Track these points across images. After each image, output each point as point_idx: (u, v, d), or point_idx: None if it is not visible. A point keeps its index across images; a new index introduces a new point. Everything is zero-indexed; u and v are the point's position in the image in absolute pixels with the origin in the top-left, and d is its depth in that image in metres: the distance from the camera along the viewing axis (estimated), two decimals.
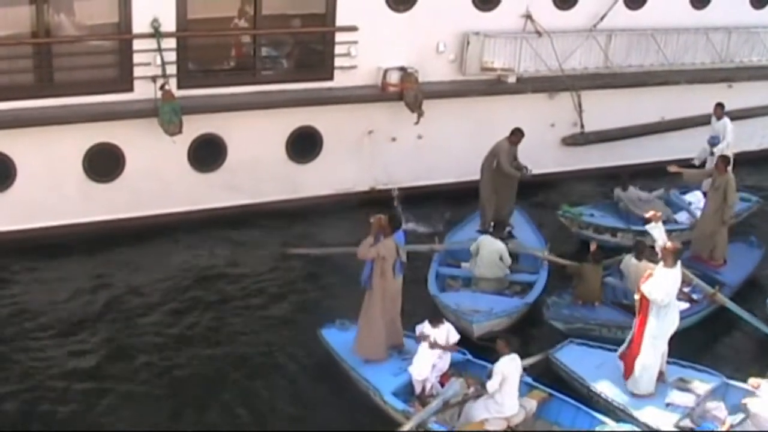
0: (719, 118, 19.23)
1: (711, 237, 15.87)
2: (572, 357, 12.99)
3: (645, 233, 15.73)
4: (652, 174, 19.10)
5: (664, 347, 12.27)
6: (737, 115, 20.28)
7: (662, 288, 11.82)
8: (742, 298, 15.15)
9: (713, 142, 18.82)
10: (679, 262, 12.10)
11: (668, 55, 20.76)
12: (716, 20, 21.38)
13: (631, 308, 13.29)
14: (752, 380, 11.86)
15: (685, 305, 14.09)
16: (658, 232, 12.57)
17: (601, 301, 14.54)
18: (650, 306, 11.94)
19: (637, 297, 12.18)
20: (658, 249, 12.32)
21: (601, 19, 19.90)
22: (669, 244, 12.13)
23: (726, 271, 15.88)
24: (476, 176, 17.37)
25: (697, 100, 21.15)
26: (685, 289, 14.27)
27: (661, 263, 12.05)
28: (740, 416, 11.69)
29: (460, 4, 18.54)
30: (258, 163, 17.35)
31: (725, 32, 21.49)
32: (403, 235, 12.78)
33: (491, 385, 11.21)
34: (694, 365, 12.73)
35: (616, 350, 12.62)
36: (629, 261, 14.60)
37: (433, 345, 12.05)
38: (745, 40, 21.81)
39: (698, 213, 17.14)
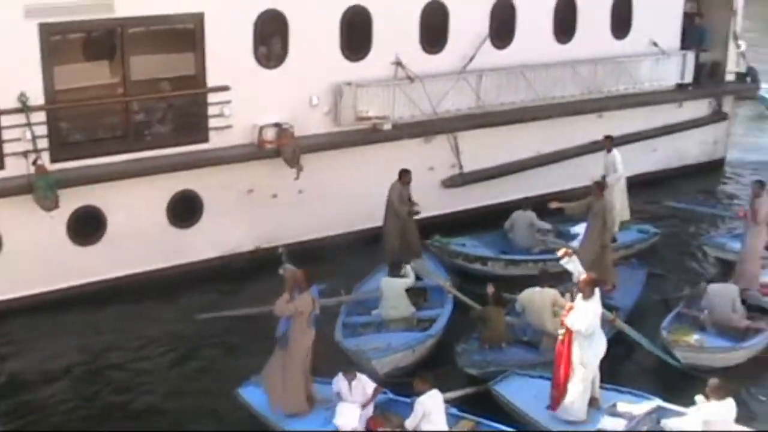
0: (609, 150, 20.43)
1: (596, 263, 16.84)
2: (512, 388, 13.92)
3: (517, 262, 17.79)
4: (534, 208, 20.11)
5: (594, 373, 13.26)
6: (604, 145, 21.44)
7: (585, 319, 12.86)
8: (633, 321, 16.20)
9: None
10: (597, 291, 13.12)
11: (538, 91, 21.95)
12: (582, 53, 22.77)
13: (534, 344, 14.57)
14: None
15: None
16: (572, 266, 13.80)
17: (509, 342, 15.38)
18: (575, 336, 12.93)
19: (561, 331, 13.14)
20: (575, 281, 13.40)
21: (470, 60, 20.97)
22: (585, 276, 13.20)
23: (617, 295, 17.03)
24: (362, 225, 18.28)
25: (571, 132, 22.60)
26: None
27: (580, 295, 13.07)
28: None
29: (330, 55, 19.33)
30: (139, 232, 17.70)
31: (591, 64, 22.89)
32: (317, 289, 13.48)
33: (409, 423, 12.06)
34: (631, 390, 13.76)
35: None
36: (531, 294, 15.46)
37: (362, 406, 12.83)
38: (611, 71, 23.25)
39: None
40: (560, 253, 14.06)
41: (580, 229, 18.64)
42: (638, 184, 21.82)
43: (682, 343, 15.58)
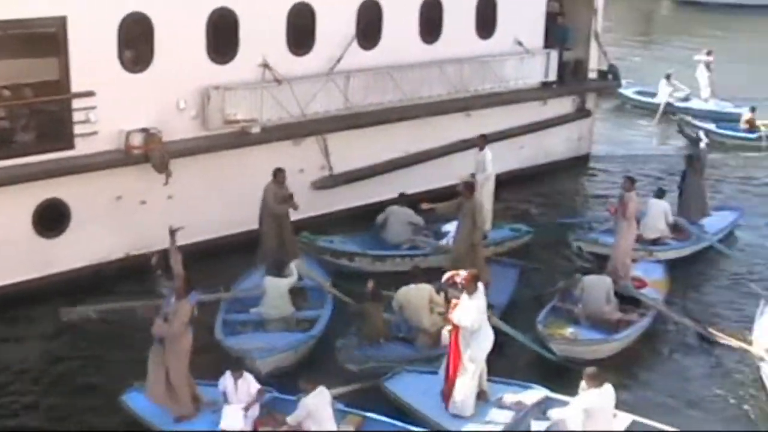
0: (481, 149, 21.03)
1: (467, 261, 17.31)
2: (402, 384, 14.38)
3: (384, 258, 18.72)
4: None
5: (482, 368, 13.79)
6: (477, 143, 22.11)
7: (470, 314, 13.40)
8: (508, 318, 16.79)
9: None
10: (481, 286, 13.65)
11: (406, 91, 22.43)
12: (448, 53, 23.35)
13: (411, 340, 15.26)
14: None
15: None
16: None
17: (387, 338, 15.85)
18: (461, 332, 13.43)
19: (448, 328, 13.78)
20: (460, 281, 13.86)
21: (338, 61, 21.30)
22: (467, 273, 13.71)
23: (491, 293, 17.43)
24: (235, 230, 18.56)
25: (439, 131, 23.18)
26: None
27: (465, 292, 13.59)
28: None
29: (196, 59, 19.39)
30: (4, 242, 17.42)
31: (457, 64, 23.50)
32: (195, 296, 13.71)
33: (291, 419, 12.47)
34: (519, 382, 14.38)
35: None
36: (407, 291, 15.97)
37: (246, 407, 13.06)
38: (476, 70, 23.90)
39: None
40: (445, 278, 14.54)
41: (450, 227, 19.21)
42: (506, 182, 22.49)
43: (557, 336, 16.28)
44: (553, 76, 26.08)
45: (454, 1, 23.45)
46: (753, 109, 32.10)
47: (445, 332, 15.04)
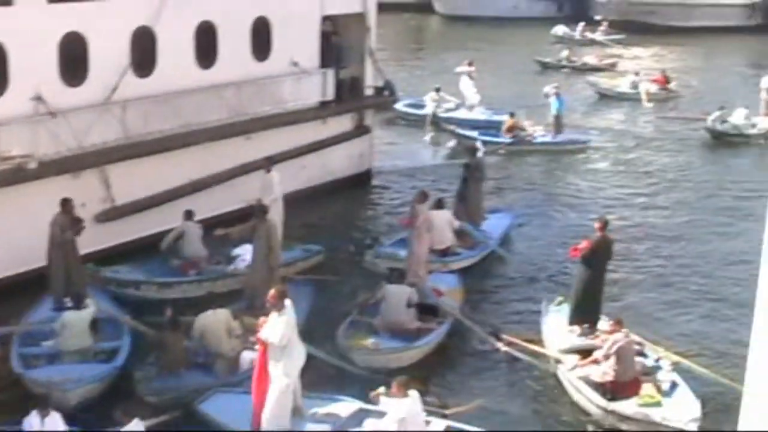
0: (268, 171, 21.40)
1: (263, 283, 17.46)
2: (216, 405, 14.47)
3: (170, 284, 19.01)
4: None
5: (296, 384, 14.01)
6: (261, 165, 22.36)
7: (278, 331, 13.60)
8: (307, 336, 17.02)
9: None
10: (288, 302, 13.88)
11: (185, 117, 22.47)
12: (225, 77, 23.54)
13: (210, 365, 15.52)
14: (372, 393, 14.09)
15: None
16: None
17: (188, 366, 15.88)
18: (271, 349, 13.63)
19: (257, 346, 13.98)
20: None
21: (113, 90, 21.11)
22: (273, 291, 13.96)
23: None
24: (15, 269, 18.25)
25: (221, 155, 23.29)
26: None
27: (274, 309, 13.80)
28: None
29: None
30: None
31: (235, 87, 23.72)
32: None
33: None
34: (332, 396, 14.71)
35: None
36: (205, 316, 16.05)
37: None
38: (254, 93, 24.19)
39: (243, 264, 19.52)
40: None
41: (241, 250, 19.47)
42: (292, 202, 22.82)
43: (358, 347, 16.75)
44: (330, 95, 26.64)
45: (228, 24, 23.66)
46: (512, 115, 33.92)
47: (245, 355, 15.31)
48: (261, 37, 24.68)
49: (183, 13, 22.50)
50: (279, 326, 13.78)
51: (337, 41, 27.08)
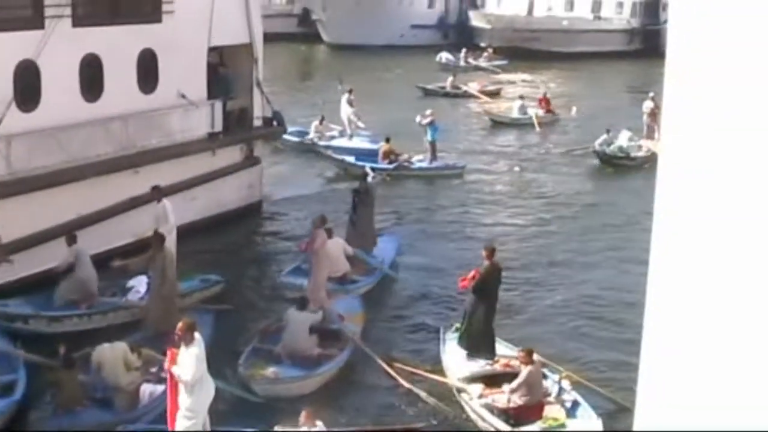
0: (159, 201, 21.48)
1: (162, 314, 17.70)
2: None
3: (60, 318, 19.00)
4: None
5: (204, 417, 14.01)
6: (150, 198, 22.39)
7: (190, 368, 13.62)
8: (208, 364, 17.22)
9: None
10: (198, 336, 13.91)
11: (72, 152, 22.29)
12: (111, 110, 23.45)
13: (109, 400, 15.56)
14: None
15: None
16: None
17: (86, 403, 15.72)
18: (182, 384, 13.64)
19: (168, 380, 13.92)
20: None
21: None
22: (181, 324, 13.94)
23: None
24: None
25: (110, 190, 23.13)
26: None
27: (182, 343, 13.77)
28: None
29: None
30: None
31: (122, 120, 23.69)
32: None
33: None
34: (243, 429, 14.85)
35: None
36: (102, 350, 15.99)
37: None
38: (142, 126, 24.19)
39: (137, 295, 19.64)
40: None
41: (135, 282, 19.51)
42: (184, 234, 22.86)
43: (258, 377, 16.84)
44: (219, 127, 26.74)
45: (113, 57, 23.58)
46: (388, 141, 34.65)
47: (144, 388, 15.34)
48: (147, 70, 24.69)
49: (67, 46, 22.40)
50: (190, 362, 13.75)
51: (224, 72, 27.26)
